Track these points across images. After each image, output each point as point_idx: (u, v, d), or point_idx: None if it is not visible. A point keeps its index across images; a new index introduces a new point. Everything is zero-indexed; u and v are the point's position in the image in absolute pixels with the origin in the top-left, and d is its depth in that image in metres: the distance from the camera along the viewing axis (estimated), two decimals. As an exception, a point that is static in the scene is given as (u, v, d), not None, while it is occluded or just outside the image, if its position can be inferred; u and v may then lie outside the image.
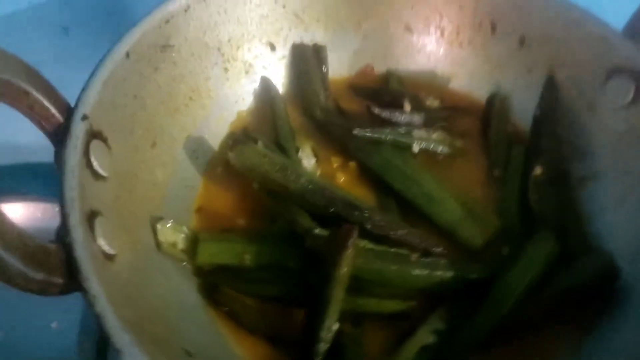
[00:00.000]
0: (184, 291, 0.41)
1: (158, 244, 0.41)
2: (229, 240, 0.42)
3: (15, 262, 0.28)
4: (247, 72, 0.51)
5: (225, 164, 0.47)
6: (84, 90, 0.38)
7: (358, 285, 0.39)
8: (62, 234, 0.32)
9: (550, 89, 0.49)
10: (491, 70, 0.53)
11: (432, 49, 0.54)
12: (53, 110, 0.36)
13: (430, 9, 0.53)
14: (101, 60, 0.39)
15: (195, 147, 0.47)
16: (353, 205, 0.42)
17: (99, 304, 0.30)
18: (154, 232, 0.41)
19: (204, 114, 0.48)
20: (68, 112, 0.37)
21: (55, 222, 0.70)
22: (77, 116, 0.36)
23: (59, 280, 0.31)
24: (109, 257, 0.34)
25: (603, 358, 0.38)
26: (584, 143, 0.47)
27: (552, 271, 0.41)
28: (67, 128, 0.36)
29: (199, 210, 0.46)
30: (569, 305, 0.40)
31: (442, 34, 0.54)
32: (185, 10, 0.45)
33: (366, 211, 0.42)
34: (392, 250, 0.41)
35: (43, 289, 0.30)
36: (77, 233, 0.32)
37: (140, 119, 0.42)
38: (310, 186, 0.43)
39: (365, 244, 0.41)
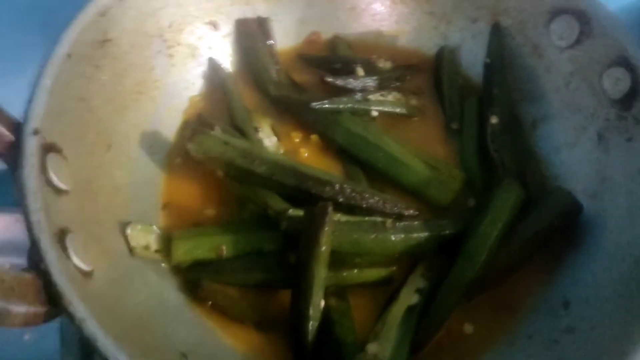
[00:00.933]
0: (165, 292, 0.40)
1: (131, 249, 0.40)
2: (202, 234, 0.42)
3: (-5, 301, 0.27)
4: (193, 56, 0.50)
5: (185, 155, 0.46)
6: (30, 102, 0.36)
7: (338, 258, 0.39)
8: (36, 260, 0.31)
9: (496, 36, 0.50)
10: (437, 24, 0.53)
11: (376, 8, 0.54)
12: (3, 130, 0.34)
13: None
14: (42, 67, 0.37)
15: (151, 142, 0.46)
16: (323, 181, 0.42)
17: (88, 326, 0.29)
18: (125, 238, 0.40)
19: (154, 106, 0.47)
20: (17, 128, 0.35)
21: (9, 233, 0.67)
22: (28, 132, 0.34)
23: (42, 309, 0.30)
24: (86, 274, 0.33)
25: (572, 290, 0.40)
26: (534, 87, 0.49)
27: (518, 216, 0.42)
28: (19, 146, 0.34)
29: (166, 206, 0.45)
30: (538, 245, 0.42)
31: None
32: (121, 0, 0.43)
33: (337, 185, 0.42)
34: (367, 219, 0.41)
35: (26, 322, 0.29)
36: (51, 256, 0.31)
37: (89, 122, 0.41)
38: (277, 168, 0.42)
39: (340, 217, 0.41)
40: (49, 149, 0.35)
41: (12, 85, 0.63)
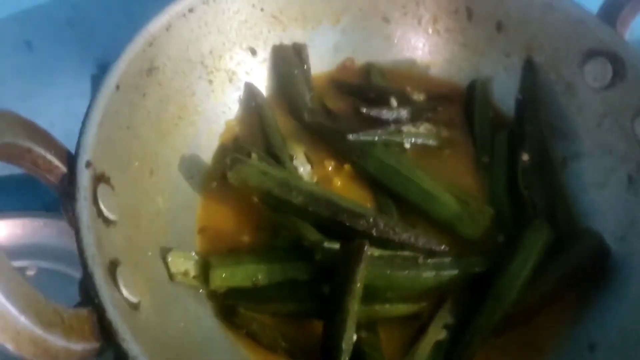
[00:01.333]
0: (202, 319, 0.41)
1: (171, 276, 0.41)
2: (238, 262, 0.43)
3: (57, 340, 0.28)
4: (230, 81, 0.51)
5: (220, 179, 0.47)
6: (81, 134, 0.37)
7: (370, 292, 0.40)
8: (91, 294, 0.32)
9: (529, 72, 0.51)
10: (470, 56, 0.53)
11: (410, 38, 0.54)
12: (56, 161, 0.35)
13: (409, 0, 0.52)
14: (93, 99, 0.38)
15: (189, 166, 0.47)
16: (357, 214, 0.43)
17: (141, 363, 0.30)
18: (166, 264, 0.41)
19: (194, 131, 0.48)
20: (69, 159, 0.36)
21: (37, 237, 0.69)
22: (81, 164, 0.35)
23: (96, 346, 0.31)
24: (134, 307, 0.35)
25: (599, 331, 0.42)
26: (565, 125, 0.49)
27: (547, 256, 0.43)
28: (72, 178, 0.35)
29: (202, 230, 0.46)
30: (566, 286, 0.43)
31: (419, 23, 0.54)
32: (167, 29, 0.44)
33: (371, 218, 0.43)
34: (399, 254, 0.43)
35: (84, 358, 0.30)
36: (105, 292, 0.32)
37: (135, 149, 0.42)
38: (313, 199, 0.43)
39: (373, 251, 0.42)
40: (99, 179, 0.36)
41: (44, 95, 0.65)
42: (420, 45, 0.55)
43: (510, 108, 0.51)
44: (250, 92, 0.51)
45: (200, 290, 0.42)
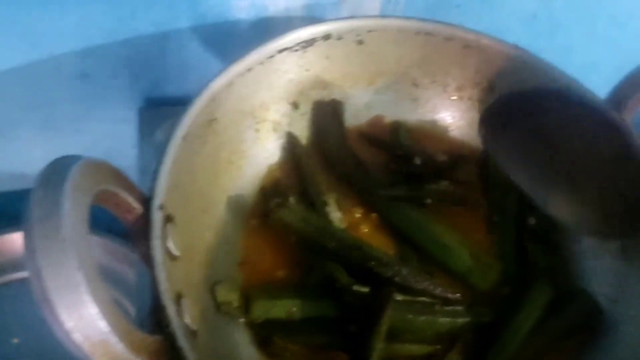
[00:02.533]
0: (241, 347, 0.47)
1: (218, 305, 0.46)
2: (276, 296, 0.48)
3: (143, 365, 0.34)
4: (275, 130, 0.56)
5: (260, 218, 0.53)
6: (155, 179, 0.42)
7: (391, 333, 0.46)
8: (163, 324, 0.37)
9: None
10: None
11: (435, 102, 0.60)
12: (134, 204, 0.41)
13: (436, 68, 0.58)
14: (165, 148, 0.44)
15: (234, 206, 0.52)
16: (384, 262, 0.49)
17: (205, 387, 0.36)
18: (214, 295, 0.46)
19: (240, 174, 0.53)
20: (144, 201, 0.42)
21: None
22: (155, 207, 0.41)
23: (168, 370, 0.36)
24: (194, 334, 0.40)
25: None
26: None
27: (547, 311, 0.49)
28: (147, 219, 0.40)
29: (242, 264, 0.51)
30: (563, 338, 0.50)
31: (444, 90, 0.60)
32: (228, 86, 0.49)
33: (395, 267, 0.49)
34: (419, 300, 0.49)
35: (159, 380, 0.35)
36: (176, 322, 0.37)
37: (193, 191, 0.47)
38: (345, 245, 0.49)
39: (396, 296, 0.48)
40: (167, 220, 0.42)
41: (91, 118, 0.71)
42: (443, 109, 0.61)
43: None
44: (291, 140, 0.57)
45: (240, 320, 0.47)
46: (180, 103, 0.47)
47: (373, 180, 0.55)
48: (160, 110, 0.68)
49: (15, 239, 0.77)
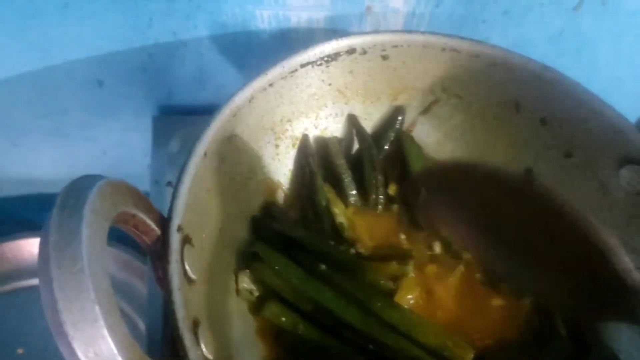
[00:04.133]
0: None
1: (237, 291, 0.47)
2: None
3: (159, 398, 0.32)
4: (294, 145, 0.55)
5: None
6: (174, 199, 0.41)
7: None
8: (180, 353, 0.36)
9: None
10: (512, 143, 0.58)
11: (458, 118, 0.59)
12: (152, 225, 0.39)
13: (461, 85, 0.57)
14: (185, 166, 0.42)
15: (248, 221, 0.51)
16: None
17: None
18: (236, 279, 0.47)
19: (258, 189, 0.52)
20: (162, 222, 0.40)
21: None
22: (174, 229, 0.39)
23: (183, 400, 0.35)
24: (210, 362, 0.38)
25: None
26: (595, 220, 0.53)
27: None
28: (165, 241, 0.39)
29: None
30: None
31: (469, 108, 0.58)
32: (249, 101, 0.48)
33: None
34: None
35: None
36: (193, 352, 0.36)
37: (210, 209, 0.46)
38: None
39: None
40: (186, 241, 0.40)
41: (103, 126, 0.70)
42: (467, 129, 0.59)
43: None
44: (304, 144, 0.55)
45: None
46: (195, 113, 0.46)
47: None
48: (175, 119, 0.67)
49: (22, 246, 0.75)
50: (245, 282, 0.48)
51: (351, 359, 0.45)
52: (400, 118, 0.58)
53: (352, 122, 0.58)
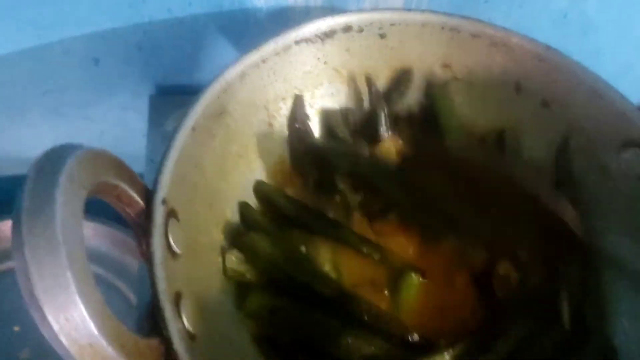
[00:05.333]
0: (243, 351, 0.44)
1: (225, 270, 0.46)
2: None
3: (134, 370, 0.31)
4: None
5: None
6: (160, 172, 0.40)
7: None
8: (160, 326, 0.35)
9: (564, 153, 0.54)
10: (513, 126, 0.56)
11: (457, 100, 0.57)
12: (136, 197, 0.39)
13: (461, 66, 0.56)
14: (172, 140, 0.42)
15: (240, 200, 0.50)
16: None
17: (200, 395, 0.33)
18: (223, 259, 0.46)
19: (250, 169, 0.51)
20: (147, 195, 0.39)
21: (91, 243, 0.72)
22: (158, 201, 0.39)
23: (163, 374, 0.34)
24: (192, 337, 0.38)
25: None
26: (596, 204, 0.52)
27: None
28: (149, 214, 0.38)
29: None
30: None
31: (470, 86, 0.57)
32: (241, 77, 0.47)
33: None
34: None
35: (150, 388, 0.33)
36: (173, 324, 0.35)
37: (199, 185, 0.45)
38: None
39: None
40: (170, 215, 0.40)
41: (100, 105, 0.69)
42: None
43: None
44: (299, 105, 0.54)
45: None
46: (192, 92, 0.45)
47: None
48: (171, 99, 0.66)
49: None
50: (233, 262, 0.47)
51: (335, 331, 0.45)
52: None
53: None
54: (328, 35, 0.51)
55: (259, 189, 0.51)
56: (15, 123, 0.70)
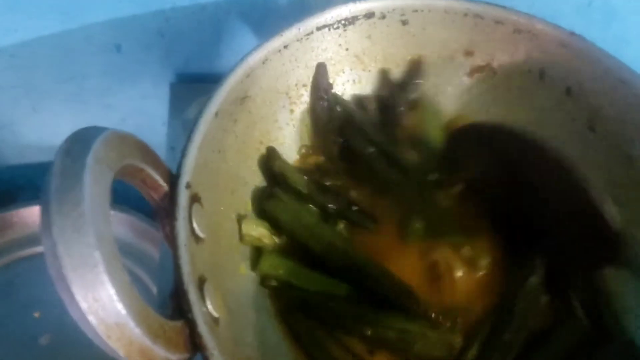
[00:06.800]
0: (265, 333, 0.45)
1: (241, 237, 0.46)
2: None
3: (160, 350, 0.31)
4: (309, 111, 0.54)
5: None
6: (184, 156, 0.40)
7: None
8: (184, 309, 0.35)
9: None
10: (537, 114, 0.56)
11: (480, 87, 0.57)
12: (160, 181, 0.39)
13: (484, 53, 0.55)
14: (196, 124, 0.42)
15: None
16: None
17: (225, 377, 0.34)
18: (239, 226, 0.46)
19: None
20: (171, 179, 0.40)
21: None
22: (182, 185, 0.39)
23: (187, 356, 0.34)
24: (216, 321, 0.38)
25: None
26: (619, 193, 0.51)
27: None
28: (173, 197, 0.38)
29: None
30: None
31: (492, 77, 0.56)
32: (264, 62, 0.47)
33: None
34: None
35: (175, 369, 0.33)
36: (197, 307, 0.35)
37: (222, 171, 0.45)
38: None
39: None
40: (194, 199, 0.40)
41: (122, 93, 0.70)
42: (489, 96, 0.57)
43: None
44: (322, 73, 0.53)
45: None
46: (212, 80, 0.45)
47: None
48: (192, 87, 0.66)
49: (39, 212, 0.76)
50: (249, 227, 0.47)
51: (355, 303, 0.45)
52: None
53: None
54: (350, 21, 0.51)
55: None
56: (37, 111, 0.71)
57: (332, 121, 0.53)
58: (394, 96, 0.55)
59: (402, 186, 0.51)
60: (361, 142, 0.52)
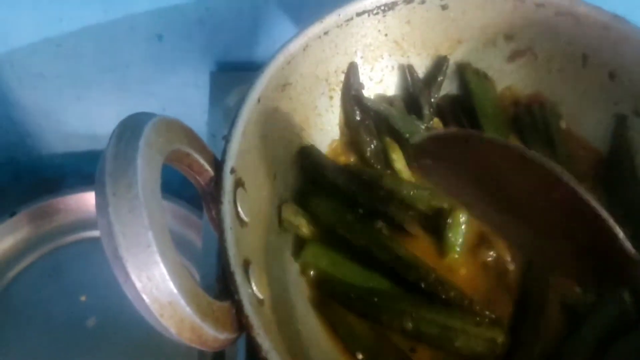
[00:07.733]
0: (305, 317, 0.45)
1: (280, 222, 0.47)
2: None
3: (209, 329, 0.33)
4: (349, 98, 0.54)
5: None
6: (227, 142, 0.41)
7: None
8: (231, 290, 0.36)
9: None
10: (579, 99, 0.55)
11: (523, 71, 0.56)
12: (206, 166, 0.40)
13: (524, 37, 0.54)
14: (239, 110, 0.42)
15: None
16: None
17: (272, 357, 0.34)
18: (278, 212, 0.47)
19: (311, 142, 0.52)
20: (216, 164, 0.40)
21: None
22: (227, 170, 0.40)
23: (234, 336, 0.35)
24: (261, 303, 0.39)
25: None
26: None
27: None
28: (218, 182, 0.39)
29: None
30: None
31: (535, 59, 0.56)
32: (304, 49, 0.47)
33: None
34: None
35: (223, 346, 0.35)
36: (243, 288, 0.36)
37: (264, 156, 0.46)
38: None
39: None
40: (238, 184, 0.41)
41: (163, 82, 0.71)
42: (531, 78, 0.57)
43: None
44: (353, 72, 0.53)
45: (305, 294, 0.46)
46: (252, 68, 0.46)
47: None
48: (231, 75, 0.67)
49: (87, 199, 0.78)
50: (288, 213, 0.47)
51: (397, 298, 0.45)
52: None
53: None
54: (389, 7, 0.51)
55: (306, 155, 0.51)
56: (81, 99, 0.73)
57: (363, 121, 0.53)
58: (420, 96, 0.55)
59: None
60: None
